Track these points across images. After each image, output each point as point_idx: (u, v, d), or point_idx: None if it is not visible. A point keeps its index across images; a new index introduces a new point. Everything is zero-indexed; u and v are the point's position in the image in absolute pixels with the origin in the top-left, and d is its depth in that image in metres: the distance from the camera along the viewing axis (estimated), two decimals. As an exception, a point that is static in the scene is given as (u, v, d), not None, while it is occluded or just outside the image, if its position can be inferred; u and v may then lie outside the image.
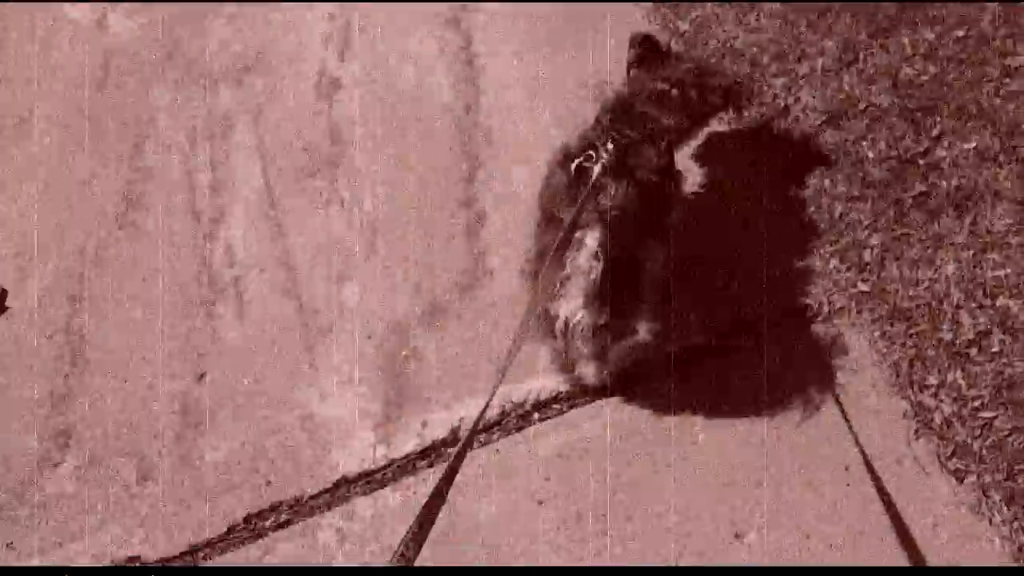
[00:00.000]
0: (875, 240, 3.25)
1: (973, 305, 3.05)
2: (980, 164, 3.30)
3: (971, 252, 3.14)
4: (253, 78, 4.25)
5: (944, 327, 3.03)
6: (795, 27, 3.79)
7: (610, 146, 2.58)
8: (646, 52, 2.94)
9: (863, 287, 3.19)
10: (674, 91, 2.82)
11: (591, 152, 2.57)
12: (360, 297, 3.47)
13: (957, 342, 3.01)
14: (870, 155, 3.43)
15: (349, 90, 4.08)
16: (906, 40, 3.65)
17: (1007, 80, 3.46)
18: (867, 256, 3.24)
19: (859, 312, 3.16)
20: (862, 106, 3.54)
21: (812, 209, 3.41)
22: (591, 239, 2.40)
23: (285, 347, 3.41)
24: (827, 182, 3.43)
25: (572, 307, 2.47)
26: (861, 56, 3.66)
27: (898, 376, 3.01)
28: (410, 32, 4.19)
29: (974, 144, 3.34)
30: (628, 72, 3.01)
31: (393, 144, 3.92)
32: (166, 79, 4.31)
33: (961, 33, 3.62)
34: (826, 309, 3.18)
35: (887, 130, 3.47)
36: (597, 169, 2.51)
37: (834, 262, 3.27)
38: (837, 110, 3.55)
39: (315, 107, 4.05)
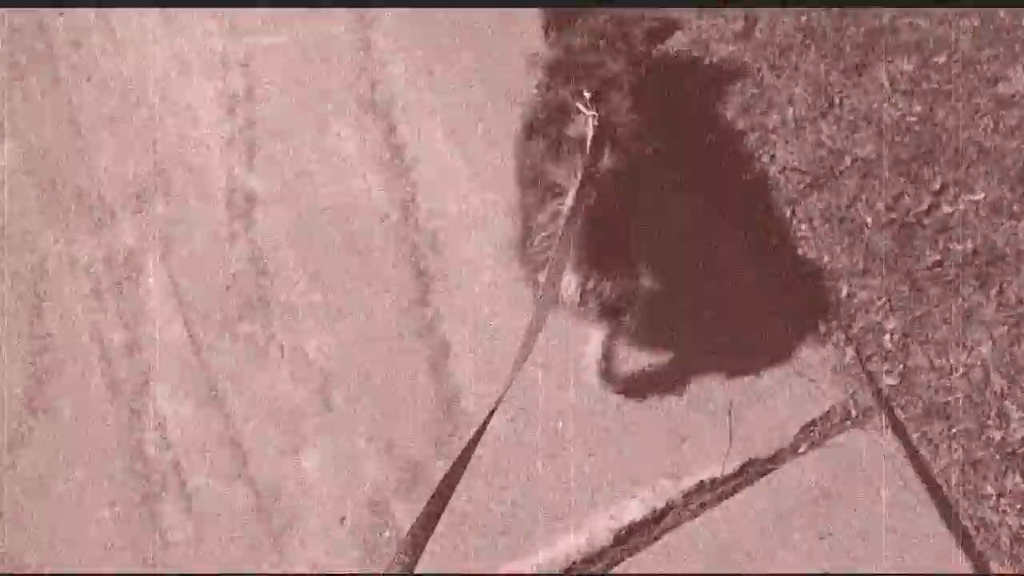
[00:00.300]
0: (893, 323, 2.88)
1: (1020, 392, 2.68)
2: (993, 219, 2.93)
3: (1005, 328, 2.77)
4: (154, 203, 3.73)
5: (990, 423, 2.66)
6: (756, 72, 3.32)
7: (587, 95, 2.52)
8: (560, 18, 2.86)
9: (889, 380, 2.80)
10: (601, 42, 2.75)
11: (594, 112, 2.48)
12: (322, 470, 3.01)
13: (1009, 440, 2.64)
14: (868, 220, 3.04)
15: (266, 205, 3.56)
16: (882, 74, 3.22)
17: (1002, 113, 3.07)
18: (887, 342, 2.85)
19: (890, 411, 2.73)
20: (848, 161, 3.12)
21: (814, 290, 2.99)
22: (570, 197, 2.26)
23: (246, 543, 2.95)
24: (826, 257, 3.01)
25: (560, 272, 2.27)
26: (836, 99, 3.21)
27: (949, 487, 2.62)
28: (324, 124, 3.64)
29: (982, 195, 2.96)
30: (546, 36, 2.93)
31: (328, 268, 3.45)
32: (54, 217, 3.77)
33: (942, 59, 3.23)
34: (853, 412, 2.78)
35: (882, 187, 3.06)
36: (591, 126, 2.44)
37: (850, 352, 2.87)
38: (821, 168, 3.11)
39: (230, 229, 3.53)
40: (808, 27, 3.35)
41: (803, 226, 3.07)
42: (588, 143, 2.37)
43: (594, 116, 2.43)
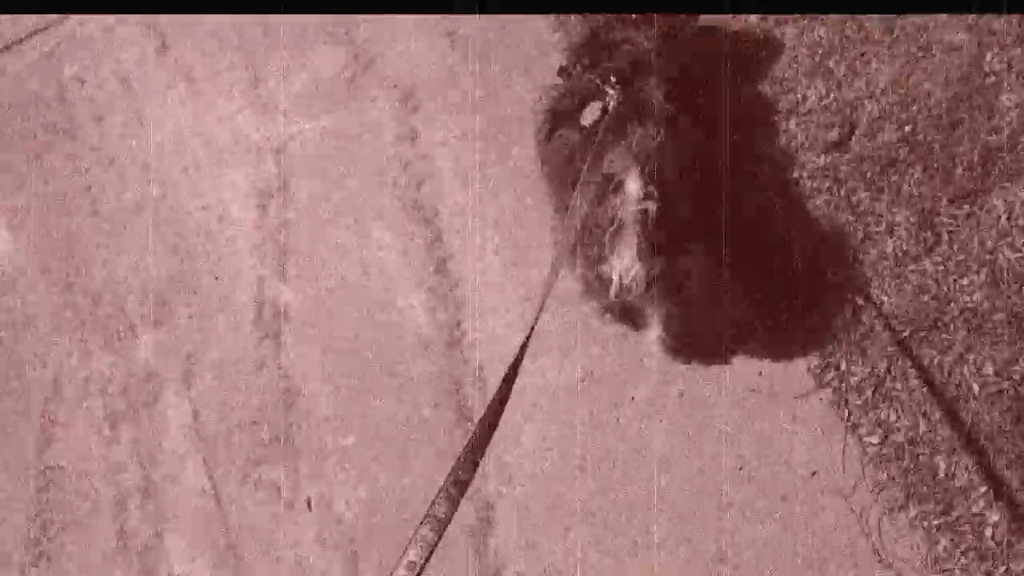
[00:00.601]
0: (996, 515, 2.47)
1: None
2: None
3: None
4: (176, 313, 3.43)
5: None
6: (851, 193, 2.90)
7: (613, 81, 2.50)
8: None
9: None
10: (633, 15, 2.65)
11: (598, 100, 2.48)
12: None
13: None
14: (975, 387, 2.61)
15: (297, 325, 3.23)
16: (999, 203, 2.78)
17: None
18: (989, 537, 2.46)
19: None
20: (954, 310, 2.71)
21: (904, 463, 2.61)
22: (633, 184, 2.27)
23: None
24: (923, 425, 2.62)
25: (626, 263, 2.33)
26: (944, 233, 2.79)
27: None
28: (364, 229, 3.39)
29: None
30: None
31: (362, 406, 3.16)
32: (69, 325, 3.52)
33: (1075, 191, 2.74)
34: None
35: (993, 348, 2.63)
36: (612, 107, 2.45)
37: (944, 542, 2.49)
38: (922, 317, 2.70)
39: (258, 353, 3.22)
40: (913, 140, 2.92)
41: (897, 385, 2.64)
42: (607, 125, 2.39)
43: (617, 96, 2.45)
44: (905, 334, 2.73)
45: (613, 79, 2.49)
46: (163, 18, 3.93)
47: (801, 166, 3.03)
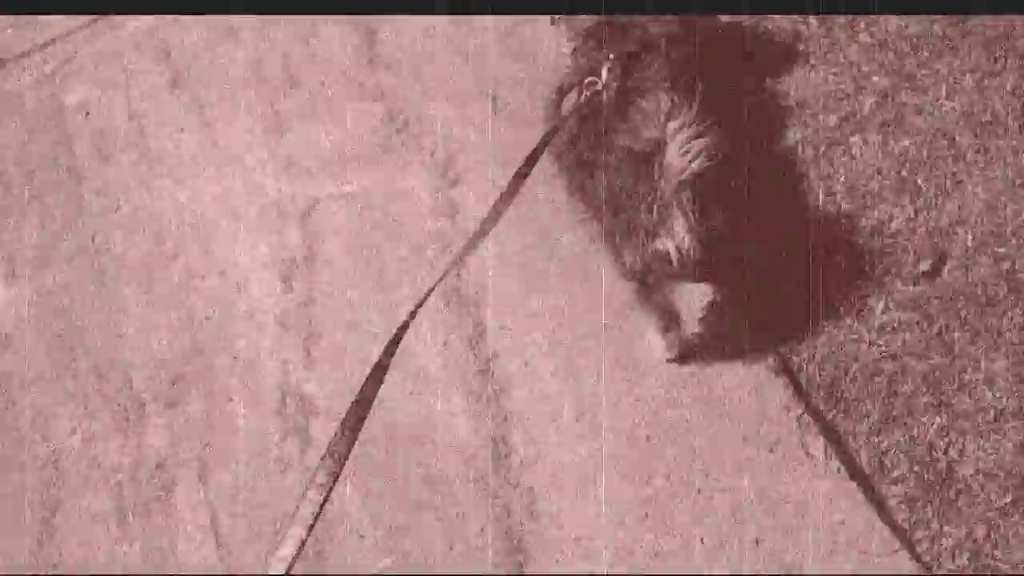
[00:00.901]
0: None
1: None
2: None
3: None
4: (190, 394, 3.03)
5: None
6: (943, 332, 2.53)
7: (611, 59, 2.46)
8: None
9: None
10: None
11: (593, 78, 2.44)
12: None
13: None
14: None
15: (326, 422, 2.78)
16: None
17: None
18: None
19: None
20: None
21: None
22: (674, 158, 2.21)
23: None
24: None
25: (678, 233, 2.24)
26: None
27: None
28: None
29: None
30: None
31: (400, 526, 2.75)
32: (72, 395, 3.07)
33: None
34: None
35: None
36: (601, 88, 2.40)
37: None
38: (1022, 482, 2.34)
39: (281, 451, 2.80)
40: (1013, 278, 2.52)
41: (996, 552, 2.28)
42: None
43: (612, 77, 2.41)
44: (1007, 500, 2.31)
45: (612, 59, 2.44)
46: (175, 49, 3.39)
47: (888, 293, 2.59)
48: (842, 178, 2.93)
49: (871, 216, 2.85)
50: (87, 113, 3.49)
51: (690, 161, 2.21)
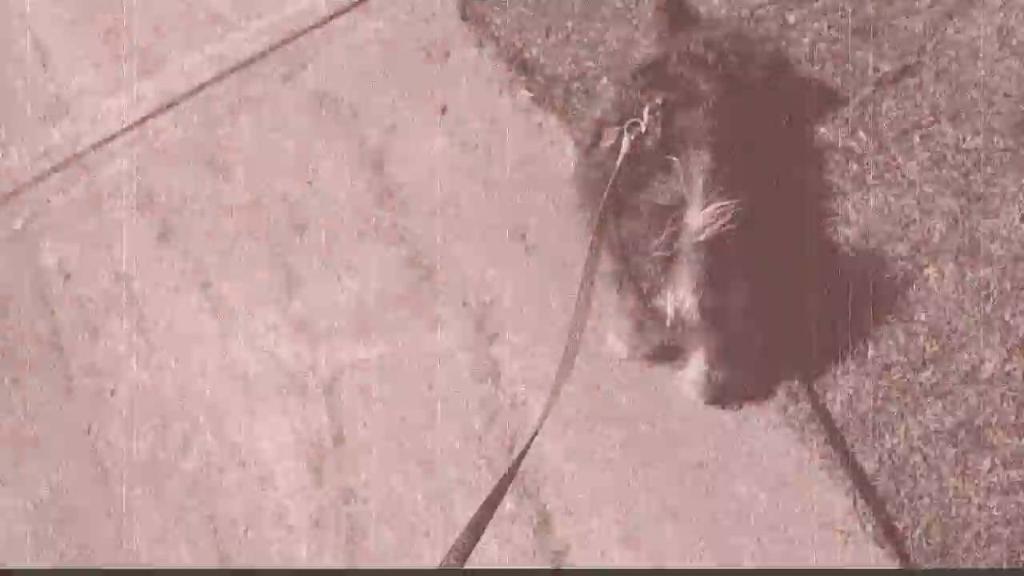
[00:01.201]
0: None
1: None
2: None
3: None
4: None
5: None
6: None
7: (656, 102, 2.32)
8: (675, 13, 2.61)
9: None
10: (710, 54, 2.49)
11: (636, 120, 2.28)
12: None
13: None
14: None
15: None
16: None
17: None
18: None
19: None
20: None
21: None
22: (695, 218, 2.05)
23: None
24: None
25: (680, 295, 2.13)
26: None
27: None
28: (449, 503, 2.61)
29: None
30: (657, 35, 2.66)
31: None
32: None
33: None
34: None
35: None
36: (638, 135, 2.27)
37: None
38: None
39: None
40: None
41: None
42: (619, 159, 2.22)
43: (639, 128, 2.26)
44: None
45: (654, 106, 2.32)
46: (160, 194, 2.95)
47: (992, 448, 2.20)
48: (923, 316, 2.50)
49: (961, 360, 2.44)
50: (67, 276, 2.98)
51: (711, 225, 2.06)
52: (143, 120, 3.20)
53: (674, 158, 2.16)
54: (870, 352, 2.60)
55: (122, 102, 3.23)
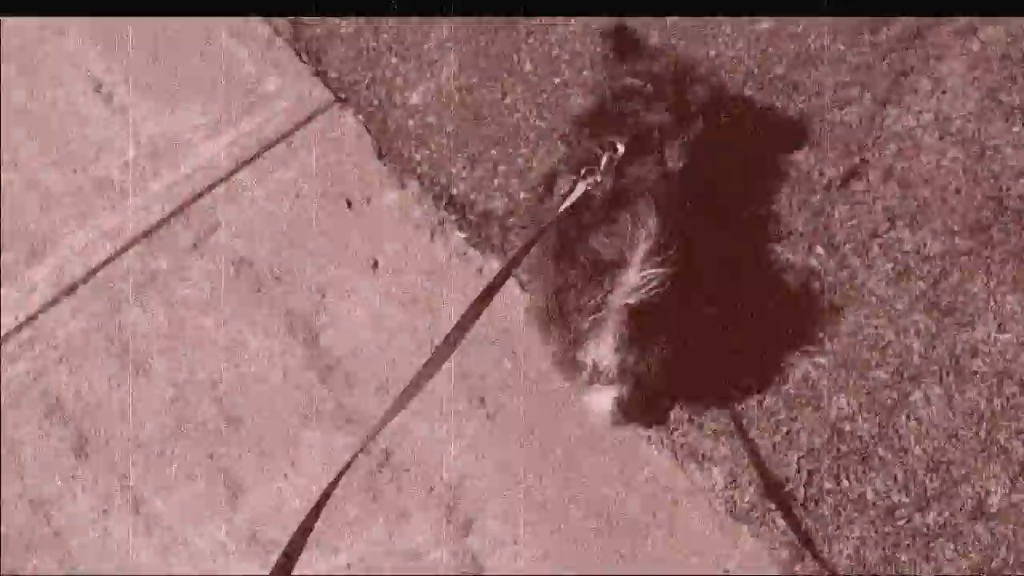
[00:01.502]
0: None
1: None
2: None
3: None
4: None
5: None
6: None
7: (619, 148, 2.21)
8: (619, 42, 2.50)
9: None
10: (647, 86, 2.36)
11: (592, 167, 2.16)
12: None
13: None
14: None
15: None
16: None
17: None
18: None
19: None
20: None
21: None
22: (632, 276, 1.99)
23: None
24: None
25: (603, 352, 2.04)
26: None
27: None
28: None
29: None
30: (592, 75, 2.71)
31: None
32: None
33: None
34: None
35: None
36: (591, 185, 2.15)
37: None
38: None
39: None
40: None
41: None
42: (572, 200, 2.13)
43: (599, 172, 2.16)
44: None
45: (611, 155, 2.20)
46: (69, 400, 2.51)
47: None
48: (917, 450, 2.27)
49: (965, 493, 2.22)
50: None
51: (644, 288, 1.98)
52: (36, 315, 2.72)
53: (624, 213, 2.08)
54: (869, 495, 2.34)
55: (13, 294, 2.75)
